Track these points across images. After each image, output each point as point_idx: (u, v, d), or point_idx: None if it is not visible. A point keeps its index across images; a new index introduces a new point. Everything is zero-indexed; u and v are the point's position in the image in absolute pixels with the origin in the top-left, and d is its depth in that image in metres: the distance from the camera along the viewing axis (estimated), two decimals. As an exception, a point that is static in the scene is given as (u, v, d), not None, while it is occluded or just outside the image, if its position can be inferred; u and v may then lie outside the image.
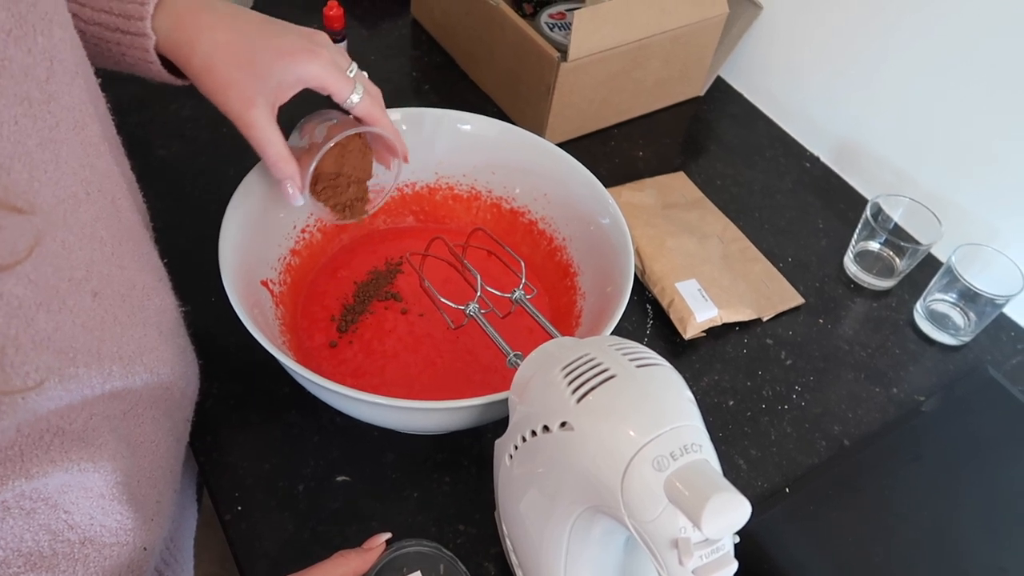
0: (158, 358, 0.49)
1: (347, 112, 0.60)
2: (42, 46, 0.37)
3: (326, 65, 0.55)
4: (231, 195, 0.62)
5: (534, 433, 0.46)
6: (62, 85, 0.39)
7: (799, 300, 0.79)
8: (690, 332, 0.73)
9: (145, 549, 0.50)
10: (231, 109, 0.54)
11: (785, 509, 0.64)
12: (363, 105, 0.58)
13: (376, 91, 0.60)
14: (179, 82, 0.57)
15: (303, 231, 0.70)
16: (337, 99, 0.57)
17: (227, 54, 0.53)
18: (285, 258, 0.68)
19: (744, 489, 0.39)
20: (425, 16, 1.04)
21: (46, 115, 0.37)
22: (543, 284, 0.73)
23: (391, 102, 0.63)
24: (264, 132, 0.55)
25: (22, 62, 0.35)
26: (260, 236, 0.65)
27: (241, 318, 0.55)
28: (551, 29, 0.95)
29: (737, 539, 0.60)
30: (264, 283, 0.65)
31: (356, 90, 0.57)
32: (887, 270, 0.82)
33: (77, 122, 0.40)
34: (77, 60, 0.41)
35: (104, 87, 0.46)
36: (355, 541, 0.59)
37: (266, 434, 0.64)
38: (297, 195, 0.59)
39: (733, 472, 0.67)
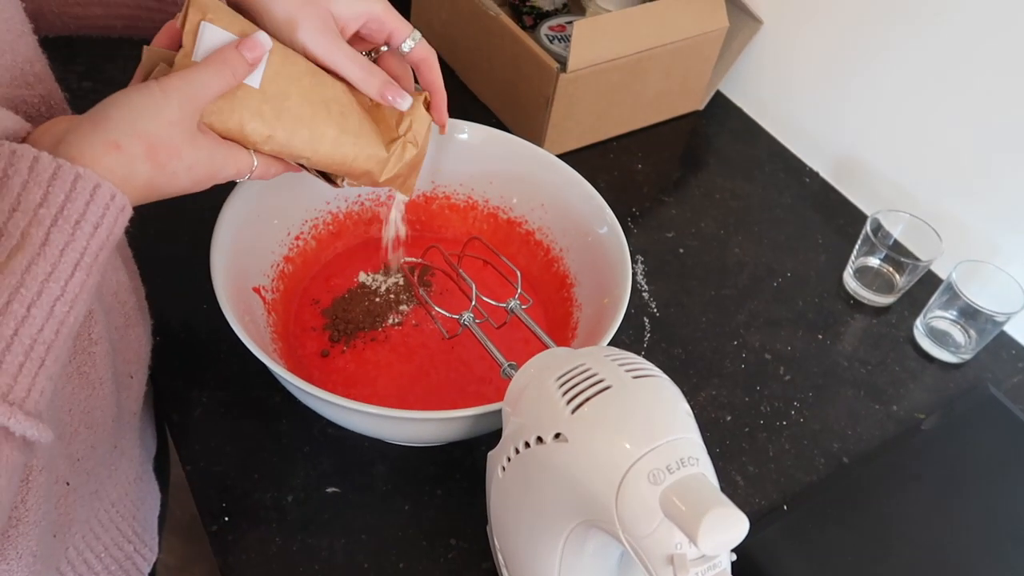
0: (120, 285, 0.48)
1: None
2: None
3: (388, 5, 0.54)
4: (224, 200, 0.62)
5: (527, 445, 0.45)
6: (4, 44, 0.39)
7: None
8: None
9: (68, 484, 0.49)
10: (304, 38, 0.51)
11: (783, 527, 0.63)
12: (420, 49, 0.56)
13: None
14: None
15: (297, 238, 0.70)
16: (395, 41, 0.55)
17: None
18: (278, 265, 0.68)
19: (741, 506, 0.38)
20: (425, 27, 1.03)
21: None
22: (540, 295, 0.73)
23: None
24: (342, 52, 0.52)
25: None
26: (253, 242, 0.64)
27: (231, 324, 0.54)
28: (551, 41, 0.95)
29: (734, 557, 0.59)
30: (256, 290, 0.64)
31: (414, 33, 0.55)
32: (887, 286, 0.81)
33: (15, 80, 0.40)
34: (22, 19, 0.41)
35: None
36: (344, 554, 0.58)
37: (255, 444, 0.63)
38: (403, 95, 0.54)
39: (730, 489, 0.66)
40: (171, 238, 0.62)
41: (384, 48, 0.57)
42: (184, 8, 0.46)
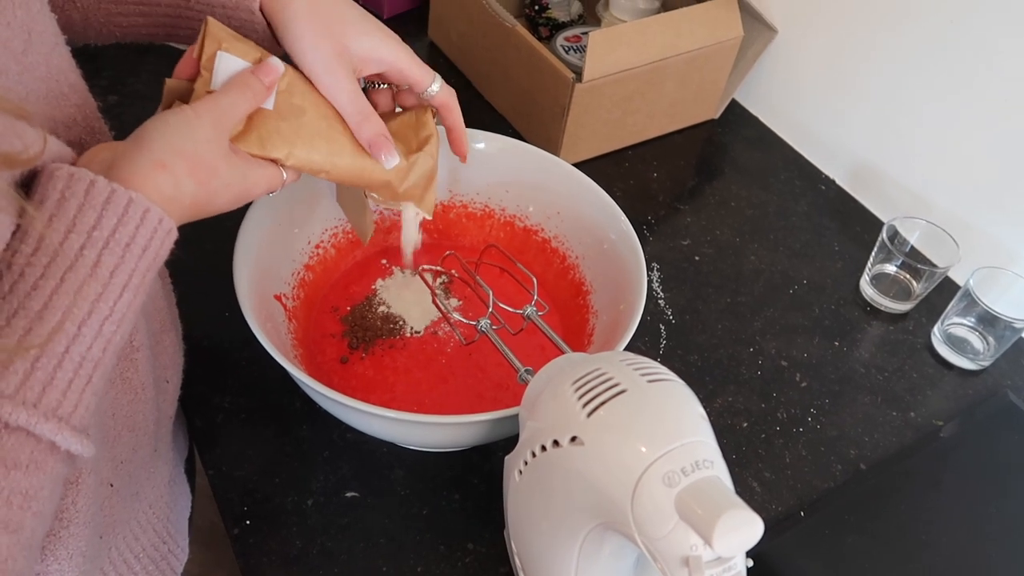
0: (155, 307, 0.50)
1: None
2: (21, 19, 0.38)
3: (412, 55, 0.55)
4: (247, 210, 0.63)
5: (544, 448, 0.45)
6: (40, 57, 0.40)
7: None
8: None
9: (112, 485, 0.50)
10: (316, 61, 0.51)
11: (800, 533, 0.63)
12: (442, 95, 0.57)
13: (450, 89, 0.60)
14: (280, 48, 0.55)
15: (317, 247, 0.71)
16: (417, 89, 0.57)
17: (322, 11, 0.52)
18: (299, 273, 0.69)
19: (758, 512, 0.38)
20: (442, 38, 1.05)
21: (18, 87, 0.38)
22: (556, 302, 0.73)
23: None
24: (343, 91, 0.52)
25: (1, 36, 0.37)
26: (275, 251, 0.65)
27: (254, 332, 0.55)
28: (567, 52, 0.96)
29: (751, 563, 0.59)
30: (277, 297, 0.65)
31: (436, 80, 0.57)
32: (904, 293, 0.81)
33: (50, 91, 0.41)
34: (55, 31, 0.42)
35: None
36: (363, 558, 0.59)
37: (276, 448, 0.64)
38: (392, 154, 0.54)
39: (747, 495, 0.66)
40: (193, 247, 0.63)
41: (404, 87, 0.58)
42: (200, 39, 0.48)
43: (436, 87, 0.57)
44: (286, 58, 0.52)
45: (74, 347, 0.37)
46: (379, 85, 0.59)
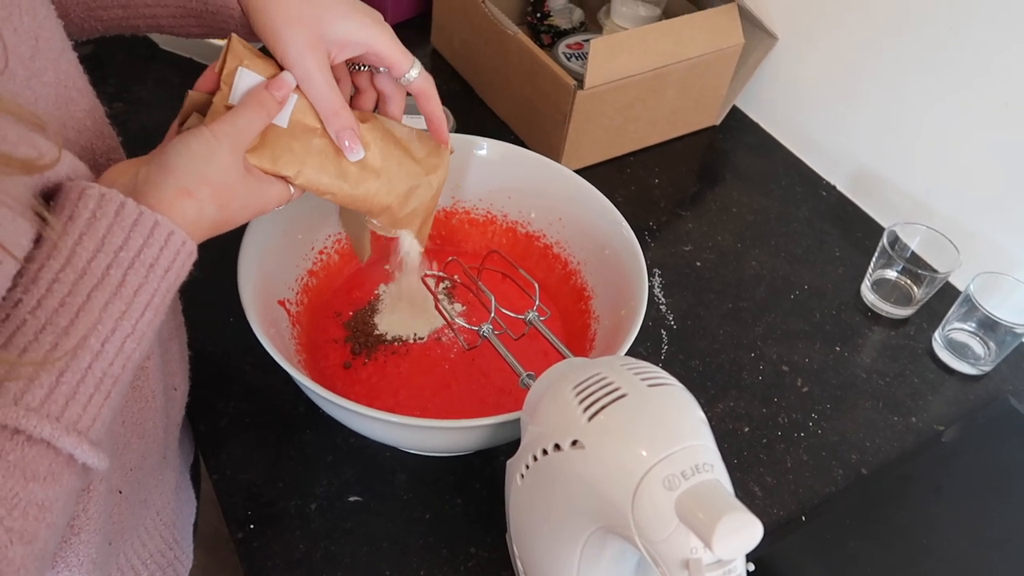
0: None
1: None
2: (28, 25, 0.39)
3: (393, 37, 0.54)
4: (251, 216, 0.64)
5: (545, 452, 0.45)
6: (47, 62, 0.40)
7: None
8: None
9: (121, 492, 0.50)
10: (288, 49, 0.50)
11: (801, 537, 0.63)
12: (420, 81, 0.56)
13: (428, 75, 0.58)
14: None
15: (321, 252, 0.71)
16: (396, 73, 0.56)
17: None
18: (302, 278, 0.69)
19: (759, 517, 0.38)
20: (445, 46, 1.06)
21: (27, 92, 0.39)
22: (558, 307, 0.74)
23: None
24: (319, 79, 0.51)
25: (8, 42, 0.37)
26: (279, 256, 0.66)
27: (259, 337, 0.55)
28: (568, 59, 0.97)
29: (751, 567, 0.59)
30: (281, 303, 0.65)
31: (415, 66, 0.56)
32: (905, 298, 0.81)
33: (59, 96, 0.42)
34: (62, 37, 0.43)
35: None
36: (366, 562, 0.59)
37: (280, 453, 0.64)
38: (357, 147, 0.54)
39: (748, 499, 0.66)
40: (198, 252, 0.64)
41: (383, 70, 0.57)
42: (222, 55, 0.50)
43: (415, 73, 0.56)
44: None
45: (97, 363, 0.38)
46: (360, 67, 0.58)
